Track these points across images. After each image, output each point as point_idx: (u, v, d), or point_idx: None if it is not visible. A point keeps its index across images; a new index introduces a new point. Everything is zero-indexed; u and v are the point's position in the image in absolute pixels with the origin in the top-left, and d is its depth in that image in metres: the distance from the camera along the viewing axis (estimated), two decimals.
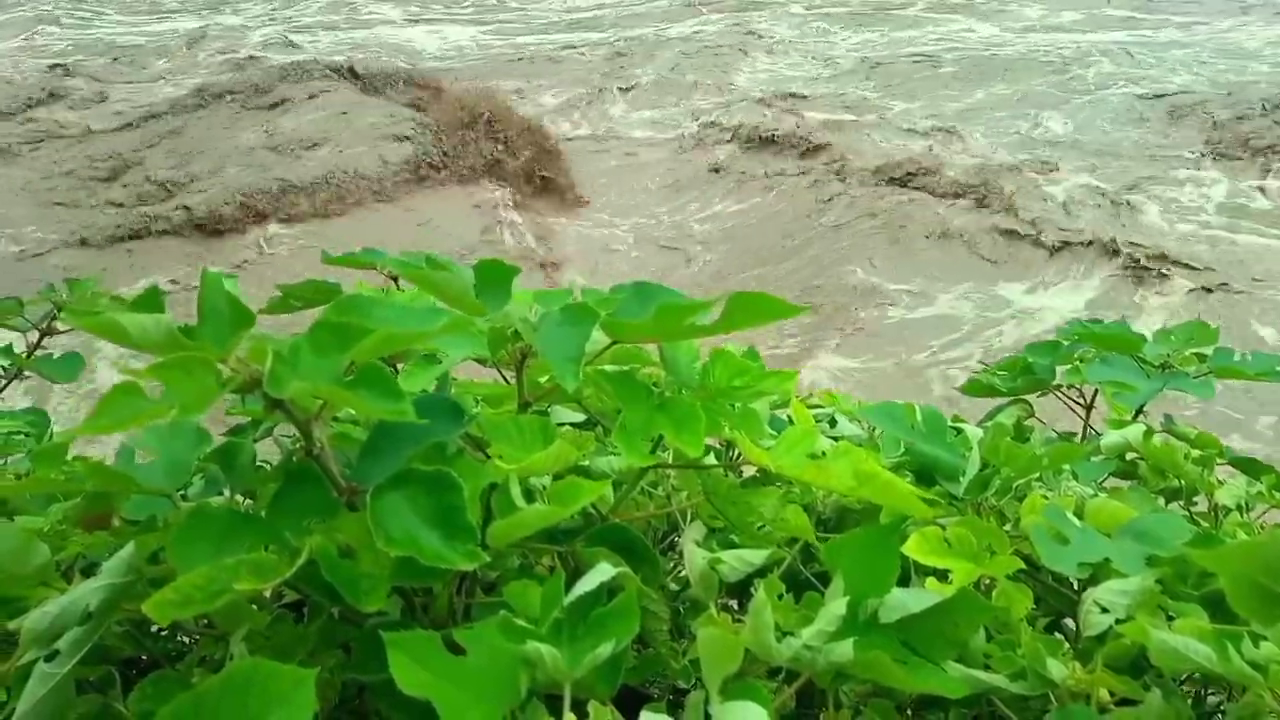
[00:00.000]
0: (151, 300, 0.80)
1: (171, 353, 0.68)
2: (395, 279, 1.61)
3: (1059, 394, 1.61)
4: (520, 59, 14.72)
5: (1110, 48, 13.72)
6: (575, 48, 15.11)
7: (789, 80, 13.41)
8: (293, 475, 0.78)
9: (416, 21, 16.97)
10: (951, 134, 10.74)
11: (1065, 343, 1.58)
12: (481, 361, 1.15)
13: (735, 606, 1.16)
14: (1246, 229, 8.28)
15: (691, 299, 0.87)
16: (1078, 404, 1.63)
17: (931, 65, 13.58)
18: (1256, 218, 8.48)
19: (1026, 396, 1.61)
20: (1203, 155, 9.79)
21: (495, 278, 0.87)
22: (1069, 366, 1.52)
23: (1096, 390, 1.56)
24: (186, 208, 8.81)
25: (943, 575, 0.86)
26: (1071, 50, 13.66)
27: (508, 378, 1.18)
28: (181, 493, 0.94)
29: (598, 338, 0.87)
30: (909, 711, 0.97)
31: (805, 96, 12.32)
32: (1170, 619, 0.84)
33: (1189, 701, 0.91)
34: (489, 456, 0.84)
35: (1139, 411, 1.42)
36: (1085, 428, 1.62)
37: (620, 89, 13.37)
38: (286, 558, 0.70)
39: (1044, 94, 12.17)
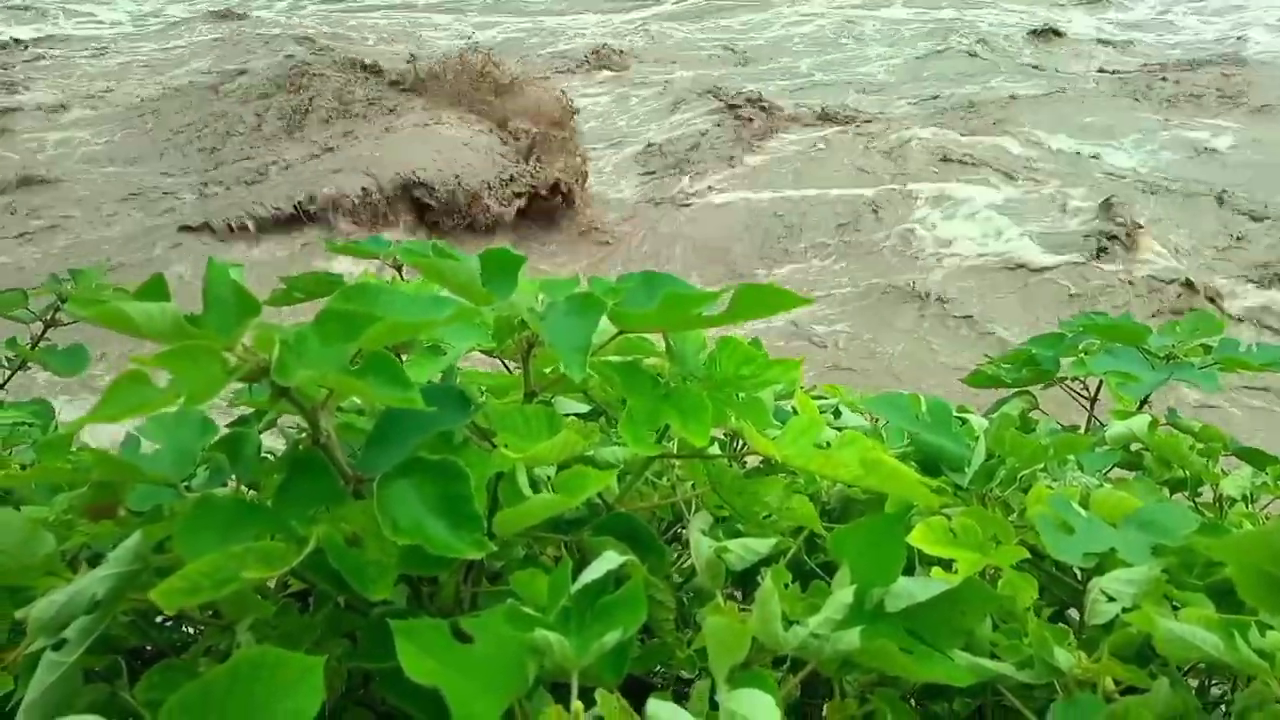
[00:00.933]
0: (156, 289, 0.80)
1: (178, 341, 0.68)
2: (399, 268, 1.61)
3: (1064, 386, 1.61)
4: None
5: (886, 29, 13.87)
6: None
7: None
8: (299, 464, 0.78)
9: None
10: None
11: (1069, 334, 1.58)
12: (487, 352, 1.15)
13: (739, 597, 1.16)
14: None
15: (699, 290, 0.87)
16: (1081, 396, 1.63)
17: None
18: None
19: (1031, 388, 1.61)
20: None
21: (501, 266, 0.87)
22: (1074, 358, 1.52)
23: (1101, 382, 1.56)
24: None
25: (947, 565, 0.86)
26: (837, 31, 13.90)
27: (512, 368, 1.18)
28: (185, 484, 0.94)
29: (604, 327, 0.86)
30: (913, 701, 0.97)
31: None
32: (1175, 609, 0.84)
33: (1193, 692, 0.92)
34: (495, 446, 0.84)
35: (1144, 403, 1.42)
36: (1089, 419, 1.62)
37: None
38: (294, 546, 0.70)
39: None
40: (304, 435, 0.80)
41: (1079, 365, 1.49)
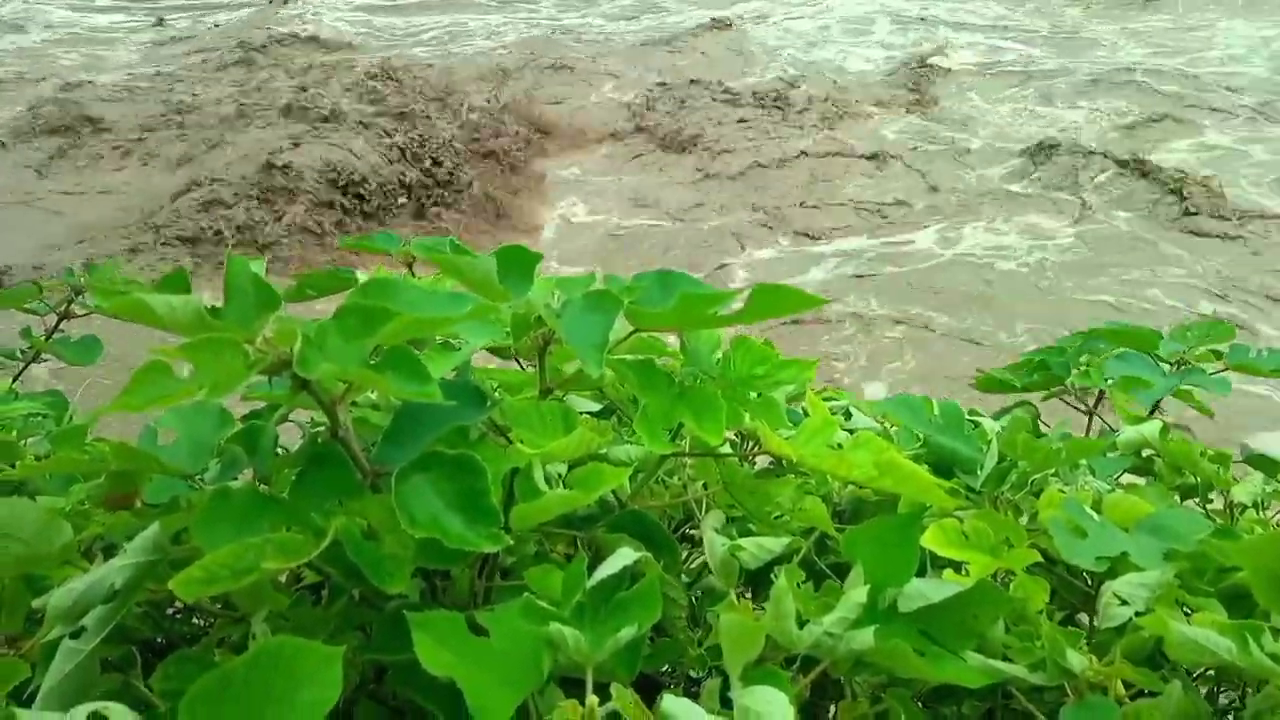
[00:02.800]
0: (178, 281, 0.80)
1: (199, 334, 0.68)
2: (410, 265, 1.62)
3: (1068, 396, 1.60)
4: None
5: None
6: None
7: None
8: (316, 457, 0.78)
9: None
10: None
11: (1078, 340, 1.58)
12: (496, 353, 1.15)
13: (749, 597, 1.16)
14: None
15: (714, 289, 0.87)
16: (1080, 406, 1.62)
17: None
18: None
19: (1034, 396, 1.61)
20: None
21: (518, 263, 0.87)
22: (1084, 364, 1.51)
23: (1101, 391, 1.55)
24: None
25: (959, 568, 0.86)
26: None
27: (523, 365, 1.19)
28: (198, 476, 0.95)
29: (619, 325, 0.87)
30: (921, 703, 0.97)
31: None
32: (1187, 614, 0.85)
33: (1203, 697, 0.92)
34: (510, 441, 0.84)
35: (1154, 409, 1.42)
36: (1089, 425, 1.62)
37: None
38: (312, 538, 0.70)
39: None
40: (322, 429, 0.81)
41: (1089, 373, 1.48)
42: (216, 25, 13.06)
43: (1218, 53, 11.23)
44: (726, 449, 1.02)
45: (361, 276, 1.14)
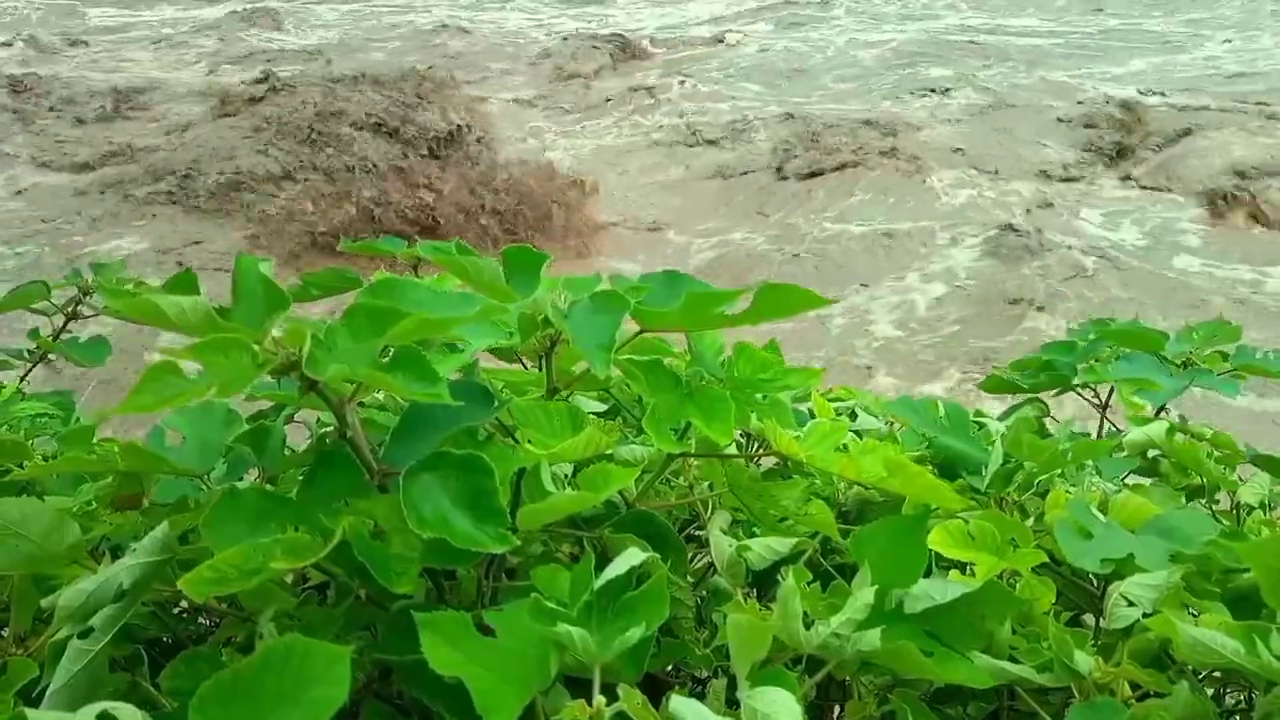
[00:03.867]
0: (186, 282, 0.81)
1: (208, 334, 0.69)
2: (415, 267, 1.62)
3: (1077, 392, 1.60)
4: None
5: None
6: None
7: None
8: (324, 457, 0.78)
9: None
10: None
11: (1084, 340, 1.58)
12: (495, 354, 1.15)
13: (754, 597, 1.16)
14: None
15: (720, 289, 0.87)
16: (1093, 403, 1.63)
17: None
18: None
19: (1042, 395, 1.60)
20: None
21: (524, 264, 0.87)
22: (1087, 365, 1.51)
23: (1112, 388, 1.55)
24: None
25: (964, 569, 0.86)
26: None
27: (527, 366, 1.19)
28: (206, 476, 0.95)
29: (626, 326, 0.87)
30: (925, 704, 0.97)
31: None
32: (1193, 615, 0.84)
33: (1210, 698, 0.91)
34: (518, 442, 0.85)
35: (1160, 409, 1.42)
36: (1101, 424, 1.62)
37: None
38: (320, 538, 0.70)
39: None
40: (329, 429, 0.81)
41: (1094, 372, 1.48)
42: None
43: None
44: (732, 449, 1.02)
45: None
